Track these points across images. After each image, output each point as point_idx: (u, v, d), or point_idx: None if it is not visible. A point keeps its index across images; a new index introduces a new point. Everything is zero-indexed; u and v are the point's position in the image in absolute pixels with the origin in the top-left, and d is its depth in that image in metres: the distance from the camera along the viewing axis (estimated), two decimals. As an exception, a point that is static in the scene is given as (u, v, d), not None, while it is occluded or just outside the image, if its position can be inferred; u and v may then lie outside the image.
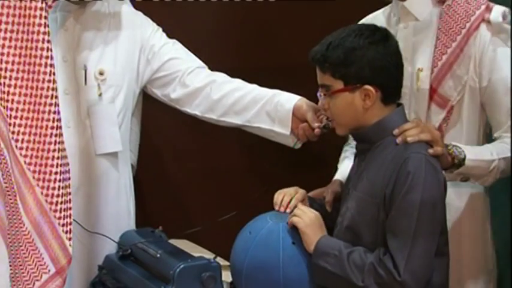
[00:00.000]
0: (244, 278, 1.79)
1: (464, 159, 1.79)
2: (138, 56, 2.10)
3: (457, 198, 1.99)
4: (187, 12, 2.49)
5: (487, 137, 2.01)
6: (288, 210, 1.80)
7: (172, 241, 2.08)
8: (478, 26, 1.92)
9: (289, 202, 1.81)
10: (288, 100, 1.99)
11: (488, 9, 1.92)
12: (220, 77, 2.10)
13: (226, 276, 1.92)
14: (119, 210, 2.12)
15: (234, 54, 2.49)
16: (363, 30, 1.72)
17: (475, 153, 1.83)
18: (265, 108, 2.00)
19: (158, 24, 2.15)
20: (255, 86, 2.06)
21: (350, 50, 1.69)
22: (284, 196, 1.83)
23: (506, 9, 1.92)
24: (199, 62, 2.13)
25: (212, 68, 2.14)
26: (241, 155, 2.44)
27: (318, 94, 1.79)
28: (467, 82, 1.94)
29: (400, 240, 1.63)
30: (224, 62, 2.20)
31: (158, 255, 1.93)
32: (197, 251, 2.03)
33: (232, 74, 2.12)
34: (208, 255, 1.93)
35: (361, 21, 2.11)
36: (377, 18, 2.11)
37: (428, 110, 1.98)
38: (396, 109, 1.75)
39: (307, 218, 1.73)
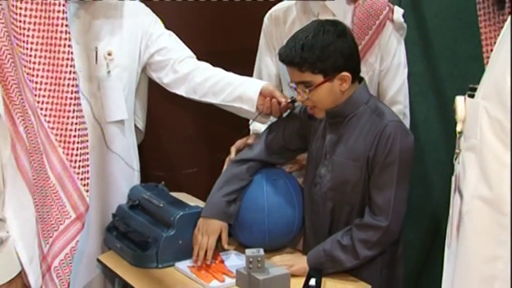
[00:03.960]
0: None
1: None
2: (140, 41, 2.25)
3: None
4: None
5: None
6: (208, 262, 1.98)
7: (173, 193, 2.25)
8: (385, 24, 2.15)
9: (206, 254, 1.98)
10: (256, 84, 2.17)
11: (391, 10, 2.17)
12: (204, 65, 2.27)
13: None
14: (126, 167, 2.29)
15: (199, 39, 2.56)
16: (326, 26, 1.88)
17: None
18: (237, 90, 2.17)
19: None
20: (230, 73, 2.23)
21: (324, 47, 1.85)
22: (199, 250, 1.98)
23: (403, 11, 2.17)
24: (189, 52, 2.29)
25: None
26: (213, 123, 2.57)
27: (294, 89, 1.93)
28: (376, 68, 2.18)
29: (386, 192, 1.87)
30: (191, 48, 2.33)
31: (161, 205, 2.10)
32: (193, 201, 2.18)
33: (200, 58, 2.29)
34: (202, 204, 2.11)
35: (273, 9, 2.27)
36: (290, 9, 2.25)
37: None
38: (361, 84, 1.95)
39: (287, 262, 1.96)
